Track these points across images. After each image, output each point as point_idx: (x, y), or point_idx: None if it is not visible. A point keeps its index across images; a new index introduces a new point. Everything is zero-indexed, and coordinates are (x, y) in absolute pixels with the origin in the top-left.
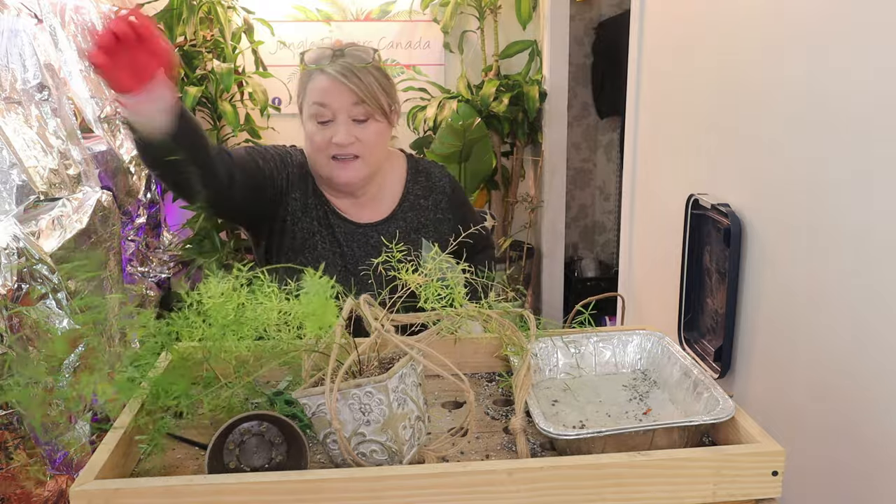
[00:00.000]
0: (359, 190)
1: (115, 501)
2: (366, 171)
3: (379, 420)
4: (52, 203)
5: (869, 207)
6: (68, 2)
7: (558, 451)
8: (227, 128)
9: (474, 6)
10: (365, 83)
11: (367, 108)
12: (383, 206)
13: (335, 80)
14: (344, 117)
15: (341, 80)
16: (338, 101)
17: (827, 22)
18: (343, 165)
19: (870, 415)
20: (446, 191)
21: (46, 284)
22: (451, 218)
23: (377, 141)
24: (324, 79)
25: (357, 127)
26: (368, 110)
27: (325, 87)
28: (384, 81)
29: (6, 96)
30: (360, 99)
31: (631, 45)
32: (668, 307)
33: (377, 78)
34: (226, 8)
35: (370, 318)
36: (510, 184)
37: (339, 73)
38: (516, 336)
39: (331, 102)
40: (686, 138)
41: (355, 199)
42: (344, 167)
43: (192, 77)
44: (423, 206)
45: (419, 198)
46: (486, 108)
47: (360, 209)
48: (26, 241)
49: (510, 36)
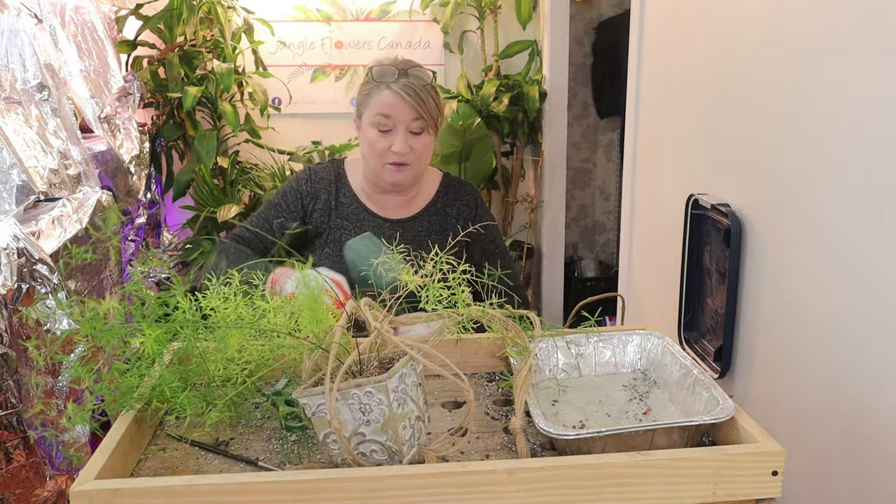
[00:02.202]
0: (403, 190)
1: (115, 501)
2: (413, 174)
3: (379, 420)
4: (52, 203)
5: (869, 207)
6: (68, 2)
7: (558, 451)
8: (227, 128)
9: (474, 6)
10: (425, 101)
11: (424, 122)
12: (412, 208)
13: (400, 96)
14: (403, 129)
15: (405, 97)
16: (400, 115)
17: (827, 22)
18: (397, 169)
19: (870, 414)
20: (470, 205)
21: (46, 284)
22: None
23: (426, 151)
24: (389, 94)
25: (413, 138)
26: (424, 125)
27: (390, 102)
28: (439, 101)
29: (6, 96)
30: (419, 115)
31: (631, 45)
32: (668, 307)
33: (433, 97)
34: (226, 8)
35: (370, 318)
36: (510, 184)
37: (403, 91)
38: (519, 337)
39: (394, 115)
40: (686, 138)
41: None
42: (397, 171)
43: (192, 77)
44: (448, 214)
45: (445, 206)
46: (486, 108)
47: (391, 208)
48: (26, 241)
49: (510, 36)
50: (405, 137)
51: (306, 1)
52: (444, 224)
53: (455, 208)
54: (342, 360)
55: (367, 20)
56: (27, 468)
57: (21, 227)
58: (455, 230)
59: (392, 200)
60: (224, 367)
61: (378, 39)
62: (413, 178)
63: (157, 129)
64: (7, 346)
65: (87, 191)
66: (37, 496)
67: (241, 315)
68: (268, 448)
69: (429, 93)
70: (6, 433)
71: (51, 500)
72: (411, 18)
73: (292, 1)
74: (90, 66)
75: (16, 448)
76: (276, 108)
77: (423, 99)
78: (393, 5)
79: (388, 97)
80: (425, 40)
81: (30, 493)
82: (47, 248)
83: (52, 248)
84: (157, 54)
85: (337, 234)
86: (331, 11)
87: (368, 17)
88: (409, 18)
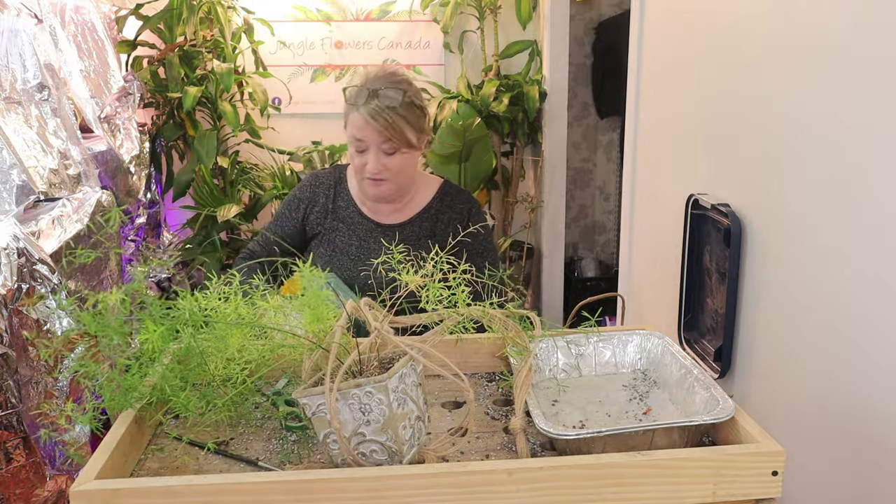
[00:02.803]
0: (389, 201)
1: (115, 501)
2: (393, 189)
3: (379, 420)
4: (52, 203)
5: (869, 208)
6: (68, 2)
7: (558, 451)
8: (227, 128)
9: (474, 6)
10: (391, 124)
11: (393, 144)
12: (405, 214)
13: (366, 120)
14: (375, 149)
15: (371, 121)
16: (369, 137)
17: (828, 22)
18: (374, 184)
19: (870, 414)
20: (463, 212)
21: (46, 284)
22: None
23: (403, 168)
24: (358, 117)
25: (386, 157)
26: (394, 146)
27: (359, 125)
28: (412, 117)
29: (6, 96)
30: (387, 138)
31: (631, 45)
32: (668, 307)
33: (405, 115)
34: (226, 8)
35: (370, 319)
36: (510, 184)
37: (370, 115)
38: (520, 337)
39: (364, 137)
40: (686, 138)
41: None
42: (375, 186)
43: (192, 77)
44: (440, 219)
45: (439, 212)
46: (486, 108)
47: (385, 213)
48: (26, 241)
49: (510, 36)
50: (377, 157)
51: (306, 1)
52: (435, 230)
53: (447, 215)
54: (342, 360)
55: (367, 20)
56: (27, 468)
57: (21, 227)
58: (445, 236)
59: (385, 207)
60: (224, 366)
61: (378, 39)
62: (394, 192)
63: (157, 129)
64: (7, 346)
65: (87, 191)
66: (37, 496)
67: (242, 315)
68: (268, 448)
69: (398, 113)
70: (6, 433)
71: (51, 500)
72: (411, 18)
73: (292, 1)
74: (90, 66)
75: (16, 448)
76: (276, 108)
77: (389, 122)
78: (393, 5)
79: (357, 120)
80: (425, 40)
81: (30, 493)
82: (47, 248)
83: (52, 248)
84: (157, 54)
85: (331, 235)
86: (331, 11)
87: (368, 17)
88: (409, 18)
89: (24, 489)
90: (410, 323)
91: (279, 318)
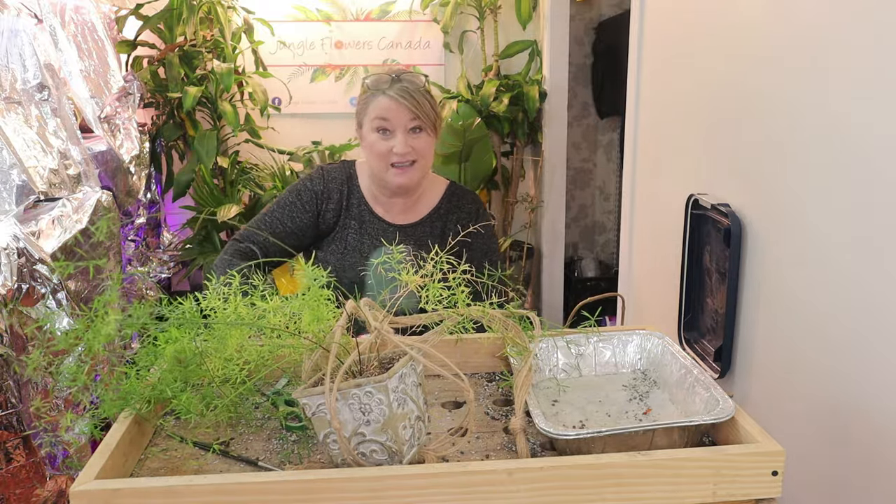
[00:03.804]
0: (409, 191)
1: (115, 501)
2: (419, 174)
3: (379, 420)
4: (52, 203)
5: (869, 207)
6: (68, 2)
7: (558, 451)
8: (228, 128)
9: (474, 6)
10: (420, 103)
11: (421, 121)
12: (415, 214)
13: (395, 100)
14: (402, 130)
15: (400, 100)
16: (397, 117)
17: (828, 22)
18: (401, 172)
19: (869, 414)
20: (471, 212)
21: (46, 284)
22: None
23: (428, 149)
24: (385, 99)
25: (412, 138)
26: (422, 123)
27: (387, 106)
28: (434, 102)
29: (6, 96)
30: (416, 115)
31: (631, 45)
32: (668, 307)
33: (428, 99)
34: (226, 8)
35: (370, 319)
36: (510, 184)
37: (399, 95)
38: (520, 337)
39: (392, 118)
40: (686, 138)
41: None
42: (402, 173)
43: (192, 77)
44: (449, 220)
45: (448, 212)
46: (486, 108)
47: (395, 214)
48: (26, 241)
49: (510, 36)
50: (405, 138)
51: (306, 1)
52: (445, 229)
53: (456, 215)
54: (342, 360)
55: (367, 20)
56: (27, 468)
57: (21, 227)
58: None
59: (397, 205)
60: (223, 366)
61: (378, 39)
62: (419, 179)
63: (157, 129)
64: (7, 346)
65: (87, 191)
66: (37, 496)
67: (241, 315)
68: (268, 448)
69: (423, 95)
70: (6, 433)
71: (51, 500)
72: (411, 18)
73: (292, 1)
74: (90, 66)
75: (16, 448)
76: (276, 108)
77: (417, 101)
78: (393, 5)
79: (384, 102)
80: (425, 40)
81: (30, 493)
82: (47, 248)
83: (52, 248)
84: (157, 54)
85: (344, 232)
86: (331, 11)
87: (368, 17)
88: (409, 18)
89: (24, 489)
90: (411, 323)
91: (279, 318)
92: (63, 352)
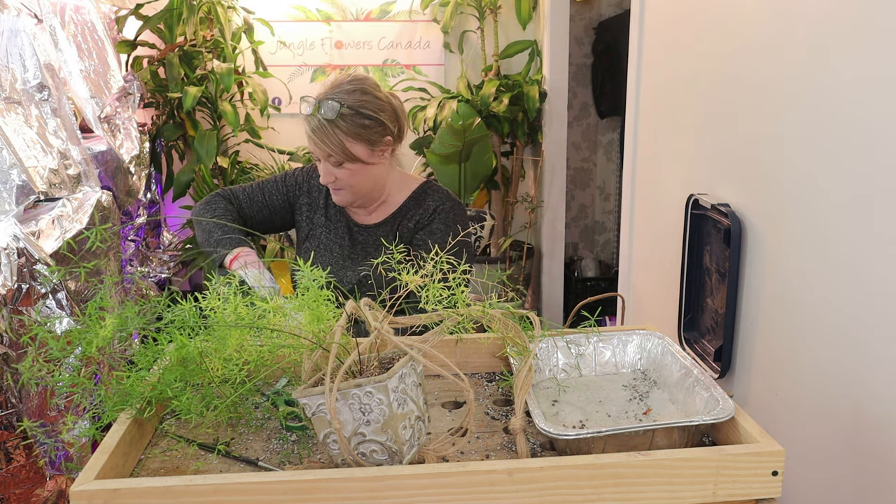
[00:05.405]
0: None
1: (115, 501)
2: (351, 197)
3: (379, 420)
4: (52, 203)
5: (869, 207)
6: (68, 2)
7: (558, 451)
8: (227, 128)
9: (474, 6)
10: (330, 139)
11: (336, 157)
12: (378, 215)
13: (309, 135)
14: (324, 160)
15: (312, 135)
16: (315, 151)
17: (827, 22)
18: (334, 191)
19: (870, 414)
20: (428, 211)
21: (46, 284)
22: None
23: (355, 179)
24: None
25: (335, 168)
26: (338, 158)
27: (308, 138)
28: (355, 130)
29: (6, 96)
30: (328, 153)
31: (631, 45)
32: (668, 307)
33: (346, 128)
34: (226, 8)
35: (370, 319)
36: (510, 184)
37: (310, 129)
38: (519, 337)
39: (312, 150)
40: (686, 138)
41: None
42: (335, 193)
43: (192, 77)
44: (409, 218)
45: (407, 211)
46: (486, 108)
47: (363, 215)
48: (26, 241)
49: (510, 36)
50: (326, 168)
51: (306, 1)
52: (404, 230)
53: (413, 213)
54: (342, 360)
55: (367, 20)
56: (27, 468)
57: (21, 227)
58: (407, 235)
59: (359, 209)
60: (222, 366)
61: (378, 39)
62: (354, 199)
63: (157, 129)
64: (7, 346)
65: (87, 191)
66: (37, 496)
67: (241, 315)
68: (268, 448)
69: (337, 127)
70: (6, 433)
71: (51, 500)
72: (411, 18)
73: (292, 1)
74: (90, 66)
75: (16, 448)
76: (276, 107)
77: (324, 137)
78: (393, 5)
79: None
80: (425, 40)
81: (30, 493)
82: (47, 248)
83: (52, 248)
84: (157, 54)
85: (318, 231)
86: (331, 11)
87: (368, 17)
88: (409, 18)
89: (24, 489)
90: (411, 323)
91: (279, 318)
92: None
